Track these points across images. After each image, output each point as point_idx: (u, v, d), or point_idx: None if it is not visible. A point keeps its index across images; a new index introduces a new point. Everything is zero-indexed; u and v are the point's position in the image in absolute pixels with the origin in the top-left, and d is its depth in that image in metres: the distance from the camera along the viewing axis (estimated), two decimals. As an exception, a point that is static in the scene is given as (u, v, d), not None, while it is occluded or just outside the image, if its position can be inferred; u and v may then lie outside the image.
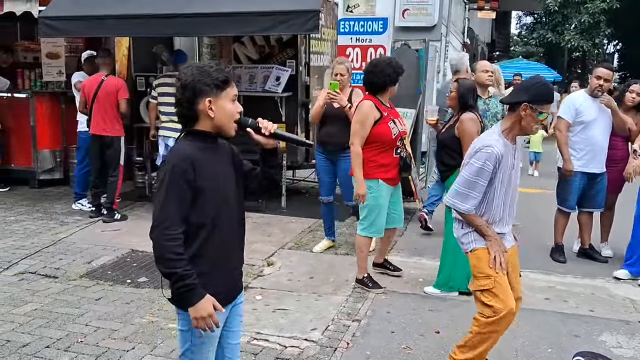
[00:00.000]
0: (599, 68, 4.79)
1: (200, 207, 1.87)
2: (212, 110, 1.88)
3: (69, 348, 3.15)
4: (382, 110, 3.93)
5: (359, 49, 10.22)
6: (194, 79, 1.86)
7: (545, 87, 2.68)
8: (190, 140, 1.91)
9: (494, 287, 2.66)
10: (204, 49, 7.48)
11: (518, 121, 2.66)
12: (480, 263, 2.71)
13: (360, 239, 4.13)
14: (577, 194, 4.87)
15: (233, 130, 1.95)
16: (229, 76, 1.91)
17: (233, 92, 1.92)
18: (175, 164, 1.83)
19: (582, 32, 17.42)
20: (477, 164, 2.63)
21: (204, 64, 1.93)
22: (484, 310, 2.70)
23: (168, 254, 1.80)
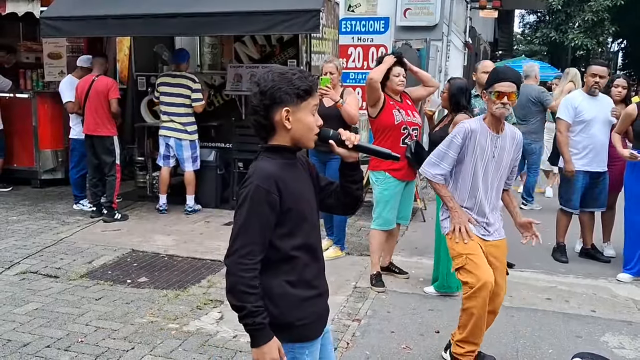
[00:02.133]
0: (593, 66, 4.82)
1: (290, 229, 1.73)
2: (288, 122, 1.71)
3: (69, 347, 3.15)
4: (387, 100, 4.07)
5: (360, 48, 10.23)
6: (274, 86, 1.69)
7: (492, 71, 3.00)
8: (269, 156, 1.74)
9: (467, 264, 2.82)
10: (205, 48, 7.48)
11: (489, 109, 2.88)
12: (455, 245, 2.89)
13: (371, 232, 4.24)
14: (580, 193, 4.84)
15: (312, 143, 1.78)
16: (312, 85, 1.73)
17: (314, 103, 1.75)
18: (258, 185, 1.66)
19: (585, 31, 17.34)
20: (449, 137, 2.95)
21: (287, 70, 1.74)
22: (464, 288, 2.86)
23: (241, 286, 1.64)
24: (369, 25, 10.00)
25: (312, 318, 1.79)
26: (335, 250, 4.84)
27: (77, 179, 6.14)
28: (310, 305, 1.79)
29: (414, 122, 4.12)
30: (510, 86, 2.79)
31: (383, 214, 4.12)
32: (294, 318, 1.75)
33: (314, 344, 1.82)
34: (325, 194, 1.93)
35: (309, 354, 1.80)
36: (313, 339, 1.81)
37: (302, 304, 1.76)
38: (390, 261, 4.47)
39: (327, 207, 1.96)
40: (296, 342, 1.78)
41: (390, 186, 4.08)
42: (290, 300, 1.75)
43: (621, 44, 27.05)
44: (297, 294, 1.75)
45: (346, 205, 1.95)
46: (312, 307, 1.79)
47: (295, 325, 1.76)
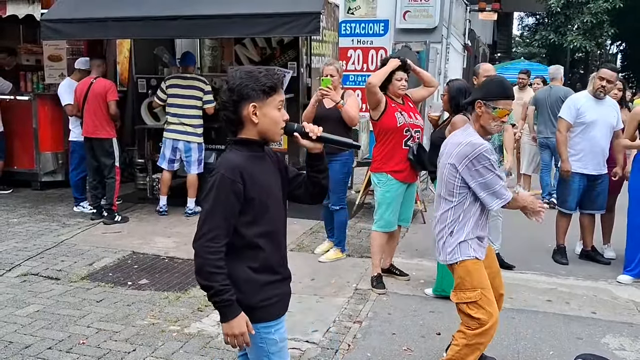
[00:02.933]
0: (603, 69, 4.79)
1: (254, 217, 1.85)
2: (256, 116, 1.83)
3: (71, 349, 3.15)
4: (389, 102, 4.08)
5: (360, 50, 10.25)
6: (241, 83, 1.82)
7: (497, 82, 2.71)
8: (237, 149, 1.88)
9: (480, 299, 2.63)
10: (206, 50, 7.49)
11: (477, 121, 2.68)
12: (468, 275, 2.66)
13: (372, 234, 4.26)
14: (577, 195, 4.85)
15: (279, 136, 1.92)
16: (277, 82, 1.85)
17: (279, 99, 1.87)
18: (223, 174, 1.79)
19: (584, 33, 17.38)
20: (484, 162, 2.58)
21: (254, 69, 1.88)
22: (470, 322, 2.66)
23: (208, 267, 1.77)
24: (368, 28, 10.02)
25: (273, 300, 1.92)
26: (335, 252, 4.84)
27: (77, 181, 6.15)
28: (272, 288, 1.92)
29: (416, 124, 4.14)
30: (510, 104, 2.66)
31: (385, 215, 4.14)
32: (256, 300, 1.88)
33: (278, 322, 1.95)
34: (295, 186, 2.06)
35: (275, 333, 1.94)
36: (276, 318, 1.94)
37: (263, 287, 1.89)
38: (391, 263, 4.48)
39: (297, 198, 2.09)
40: (259, 322, 1.90)
41: (392, 188, 4.10)
42: (253, 284, 1.88)
43: (620, 46, 27.12)
44: (259, 279, 1.88)
45: (314, 195, 2.08)
46: (273, 290, 1.92)
47: (258, 307, 1.89)
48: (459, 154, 2.63)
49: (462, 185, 2.65)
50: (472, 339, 2.66)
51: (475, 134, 2.67)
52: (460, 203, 2.68)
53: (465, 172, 2.61)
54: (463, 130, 2.75)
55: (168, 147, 5.95)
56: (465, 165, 2.61)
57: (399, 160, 4.07)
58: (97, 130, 5.67)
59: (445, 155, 2.73)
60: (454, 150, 2.67)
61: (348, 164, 4.77)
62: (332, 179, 4.64)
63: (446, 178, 2.70)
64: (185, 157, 5.96)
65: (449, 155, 2.68)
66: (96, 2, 5.81)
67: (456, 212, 2.69)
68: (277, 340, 1.94)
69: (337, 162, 4.60)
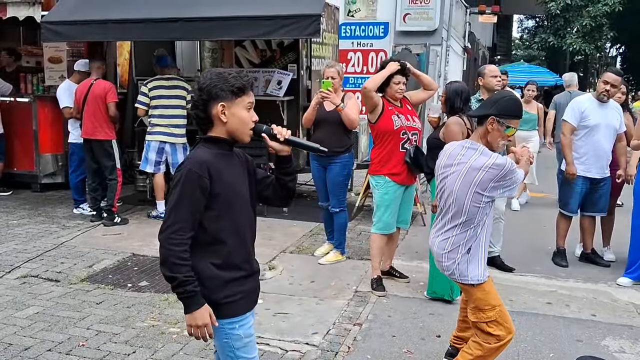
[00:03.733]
0: (607, 73, 4.82)
1: (218, 213, 1.89)
2: (224, 115, 1.89)
3: (71, 351, 3.15)
4: (386, 105, 4.08)
5: (360, 53, 10.26)
6: (211, 83, 1.88)
7: (514, 101, 2.64)
8: (205, 146, 1.92)
9: (500, 317, 2.64)
10: (206, 52, 7.50)
11: (484, 136, 2.61)
12: (487, 296, 2.63)
13: (371, 236, 4.26)
14: (578, 198, 4.86)
15: (247, 137, 1.95)
16: (246, 84, 1.90)
17: (248, 100, 1.92)
18: (190, 168, 1.84)
19: (584, 36, 17.40)
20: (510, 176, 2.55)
21: (224, 70, 1.94)
22: (489, 339, 2.64)
23: (172, 258, 1.82)
24: (368, 30, 10.03)
25: (237, 296, 1.95)
26: (335, 254, 4.84)
27: (77, 183, 6.14)
28: (236, 285, 1.94)
29: (414, 126, 4.14)
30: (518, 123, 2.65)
31: (383, 218, 4.14)
32: (220, 297, 1.91)
33: (243, 318, 1.98)
34: (263, 187, 2.10)
35: (240, 328, 1.97)
36: (240, 314, 1.96)
37: (227, 284, 1.92)
38: (391, 265, 4.48)
39: (265, 199, 2.14)
40: (223, 318, 1.93)
41: (390, 190, 4.10)
42: (216, 281, 1.90)
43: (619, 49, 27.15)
44: (222, 275, 1.91)
45: (282, 197, 2.13)
46: (238, 287, 1.95)
47: (221, 303, 1.92)
48: (484, 179, 2.53)
49: (486, 204, 2.58)
50: (488, 352, 2.66)
51: (490, 152, 2.58)
52: (480, 221, 2.62)
53: (493, 192, 2.56)
54: (473, 150, 2.60)
55: (154, 149, 5.90)
56: (492, 187, 2.55)
57: (397, 163, 4.08)
58: (96, 131, 5.67)
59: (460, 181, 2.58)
60: (476, 177, 2.54)
61: (348, 166, 4.77)
62: (332, 181, 4.69)
63: (469, 203, 2.57)
64: (172, 158, 5.95)
65: (469, 183, 2.55)
66: (96, 4, 5.81)
67: (475, 231, 2.62)
68: (242, 335, 1.97)
69: (337, 164, 4.61)
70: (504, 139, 2.60)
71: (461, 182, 2.59)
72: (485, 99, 2.81)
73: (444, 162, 2.71)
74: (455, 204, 2.62)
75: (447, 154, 2.72)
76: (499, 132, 2.57)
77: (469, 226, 2.61)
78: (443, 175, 2.71)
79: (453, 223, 2.65)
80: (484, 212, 2.61)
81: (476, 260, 2.64)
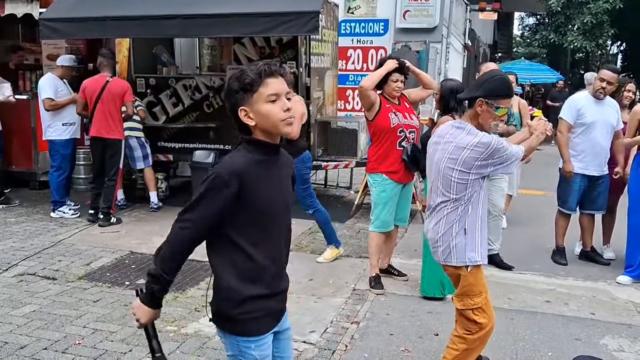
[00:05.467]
0: (604, 70, 4.80)
1: (249, 225, 1.76)
2: (250, 119, 1.74)
3: (67, 350, 3.14)
4: (384, 103, 4.07)
5: (360, 50, 10.24)
6: (227, 89, 1.75)
7: (501, 80, 2.58)
8: (246, 149, 1.77)
9: (484, 304, 2.65)
10: (205, 50, 7.48)
11: (475, 118, 2.58)
12: (477, 281, 2.63)
13: (369, 234, 4.26)
14: (577, 195, 4.84)
15: (285, 127, 1.75)
16: (258, 75, 1.71)
17: (267, 92, 1.71)
18: (218, 174, 1.71)
19: (585, 33, 17.34)
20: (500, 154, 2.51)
21: (244, 67, 1.77)
22: (471, 326, 2.66)
23: (168, 249, 1.77)
24: (368, 27, 10.01)
25: (256, 314, 1.80)
26: (331, 250, 4.79)
27: (59, 182, 5.88)
28: (256, 302, 1.80)
29: (411, 124, 4.12)
30: (509, 102, 2.59)
31: (381, 216, 4.12)
32: (234, 312, 1.79)
33: (261, 339, 1.83)
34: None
35: (255, 349, 1.82)
36: (257, 335, 1.82)
37: (246, 300, 1.78)
38: (389, 263, 4.46)
39: None
40: (239, 335, 1.81)
41: (387, 188, 4.08)
42: (233, 293, 1.78)
43: (620, 47, 27.09)
44: (242, 289, 1.77)
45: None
46: (258, 305, 1.81)
47: (237, 319, 1.79)
48: (469, 158, 2.51)
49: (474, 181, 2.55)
50: (472, 343, 2.66)
51: (476, 131, 2.55)
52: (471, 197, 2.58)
53: (482, 169, 2.54)
54: (461, 129, 2.57)
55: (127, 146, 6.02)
56: (479, 165, 2.52)
57: (394, 161, 4.06)
58: (111, 131, 5.57)
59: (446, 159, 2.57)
60: (460, 155, 2.52)
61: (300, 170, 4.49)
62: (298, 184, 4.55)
63: (456, 181, 2.55)
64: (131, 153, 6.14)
65: (454, 162, 2.53)
66: (95, 1, 5.80)
67: (466, 207, 2.58)
68: (256, 356, 1.82)
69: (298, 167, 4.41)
70: (495, 119, 2.55)
71: (447, 160, 2.57)
72: (474, 81, 2.76)
73: (433, 141, 2.71)
74: (442, 183, 2.61)
75: (437, 133, 2.72)
76: (489, 113, 2.53)
77: (460, 202, 2.57)
78: (431, 154, 2.71)
79: (442, 201, 2.61)
80: (473, 188, 2.56)
81: (473, 240, 2.60)
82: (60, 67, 5.97)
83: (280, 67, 1.77)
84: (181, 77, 6.88)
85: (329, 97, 7.25)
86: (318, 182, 7.79)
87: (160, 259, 1.79)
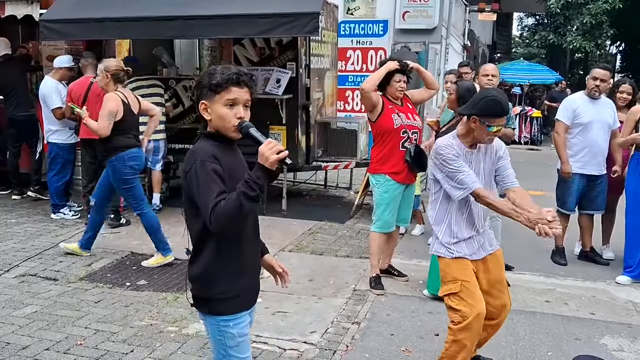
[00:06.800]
0: (595, 69, 4.86)
1: None
2: (207, 113, 1.89)
3: (69, 350, 3.15)
4: (386, 104, 4.07)
5: (359, 51, 10.25)
6: (199, 81, 1.90)
7: (493, 102, 2.68)
8: (205, 140, 1.91)
9: (461, 291, 2.69)
10: (205, 51, 7.48)
11: (471, 130, 2.74)
12: (448, 268, 2.78)
13: (371, 234, 4.28)
14: (576, 195, 4.86)
15: (232, 133, 1.88)
16: (225, 79, 1.83)
17: (227, 97, 1.84)
18: (202, 160, 1.81)
19: (584, 34, 17.38)
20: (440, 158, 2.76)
21: (221, 66, 1.90)
22: (453, 316, 2.72)
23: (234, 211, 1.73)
24: (367, 28, 10.03)
25: (232, 293, 1.92)
26: (157, 257, 4.50)
27: (59, 186, 5.88)
28: (231, 281, 1.91)
29: (414, 125, 4.13)
30: (504, 120, 2.72)
31: (383, 216, 4.13)
32: (213, 292, 1.90)
33: (238, 317, 1.94)
34: None
35: (234, 327, 1.93)
36: (234, 312, 1.93)
37: (222, 279, 1.90)
38: (390, 264, 4.47)
39: None
40: (217, 314, 1.92)
41: (390, 189, 4.10)
42: (210, 274, 1.89)
43: (619, 47, 27.13)
44: (217, 269, 1.89)
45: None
46: (233, 284, 1.92)
47: (215, 299, 1.90)
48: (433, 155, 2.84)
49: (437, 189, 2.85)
50: (456, 334, 2.70)
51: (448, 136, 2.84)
52: (436, 199, 2.88)
53: (436, 171, 2.81)
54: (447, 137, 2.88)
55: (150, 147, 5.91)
56: (433, 164, 2.82)
57: (397, 162, 4.07)
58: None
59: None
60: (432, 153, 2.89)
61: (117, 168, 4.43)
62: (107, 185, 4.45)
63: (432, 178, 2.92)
64: (154, 154, 6.05)
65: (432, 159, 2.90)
66: (95, 2, 5.81)
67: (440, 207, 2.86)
68: (235, 334, 1.94)
69: (110, 165, 4.42)
70: (489, 135, 2.70)
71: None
72: (471, 98, 2.85)
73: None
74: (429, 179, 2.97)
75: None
76: (482, 130, 2.68)
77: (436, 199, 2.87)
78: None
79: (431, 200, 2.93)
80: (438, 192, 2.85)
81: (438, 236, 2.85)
82: (59, 69, 5.96)
83: (250, 79, 1.90)
84: (181, 78, 6.89)
85: (328, 98, 7.27)
86: (318, 182, 7.81)
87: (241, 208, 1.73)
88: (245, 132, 1.87)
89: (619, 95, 4.94)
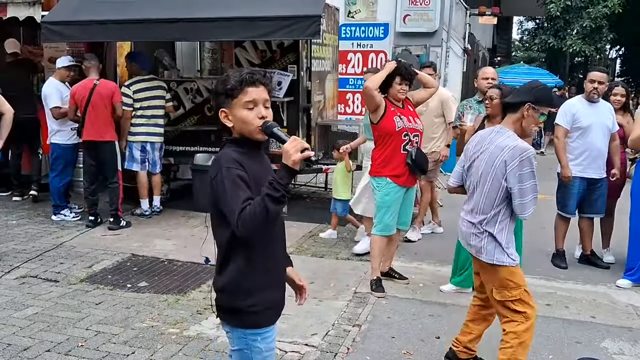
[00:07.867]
0: (592, 72, 4.90)
1: None
2: (229, 120, 1.86)
3: (70, 352, 3.15)
4: (389, 106, 4.09)
5: (360, 54, 10.27)
6: (215, 90, 1.88)
7: (547, 90, 2.81)
8: (230, 147, 1.87)
9: (523, 296, 2.78)
10: (206, 53, 7.51)
11: (519, 122, 2.74)
12: (512, 276, 2.77)
13: (372, 237, 4.28)
14: (576, 199, 4.87)
15: (257, 134, 1.84)
16: (239, 82, 1.81)
17: (245, 99, 1.82)
18: (227, 166, 1.78)
19: (584, 37, 17.41)
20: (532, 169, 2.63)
21: (231, 73, 1.88)
22: (516, 317, 2.78)
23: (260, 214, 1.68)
24: (368, 31, 10.04)
25: (263, 306, 1.87)
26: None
27: (60, 187, 5.88)
28: (262, 294, 1.87)
29: (416, 128, 4.14)
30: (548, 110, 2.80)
31: (384, 219, 4.14)
32: (244, 304, 1.85)
33: (267, 331, 1.90)
34: None
35: (262, 341, 1.89)
36: (264, 327, 1.89)
37: (253, 292, 1.85)
38: (390, 266, 4.48)
39: None
40: (247, 328, 1.87)
41: (391, 192, 4.10)
42: (241, 286, 1.84)
43: (619, 51, 27.19)
44: (249, 281, 1.84)
45: None
46: (264, 296, 1.87)
47: (245, 311, 1.85)
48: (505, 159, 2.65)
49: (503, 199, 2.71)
50: (521, 335, 2.77)
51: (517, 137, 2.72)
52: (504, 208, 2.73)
53: (511, 178, 2.65)
54: (501, 134, 2.75)
55: (138, 148, 5.95)
56: (510, 172, 2.64)
57: (398, 165, 4.08)
58: (102, 133, 5.56)
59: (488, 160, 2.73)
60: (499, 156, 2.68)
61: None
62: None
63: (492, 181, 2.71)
64: (153, 156, 6.04)
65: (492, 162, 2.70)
66: (97, 4, 5.81)
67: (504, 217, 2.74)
68: (262, 349, 1.89)
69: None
70: (537, 124, 2.76)
71: (486, 162, 2.74)
72: (520, 87, 2.92)
73: (474, 145, 2.87)
74: (480, 185, 2.77)
75: (477, 138, 2.89)
76: (533, 119, 2.72)
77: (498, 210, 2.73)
78: (472, 158, 2.86)
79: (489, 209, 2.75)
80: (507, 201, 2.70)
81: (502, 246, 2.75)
82: (59, 69, 5.98)
83: (264, 77, 1.87)
84: (182, 81, 6.91)
85: (329, 101, 7.28)
86: (319, 185, 7.81)
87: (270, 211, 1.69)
88: (270, 132, 1.83)
89: (613, 98, 4.97)
